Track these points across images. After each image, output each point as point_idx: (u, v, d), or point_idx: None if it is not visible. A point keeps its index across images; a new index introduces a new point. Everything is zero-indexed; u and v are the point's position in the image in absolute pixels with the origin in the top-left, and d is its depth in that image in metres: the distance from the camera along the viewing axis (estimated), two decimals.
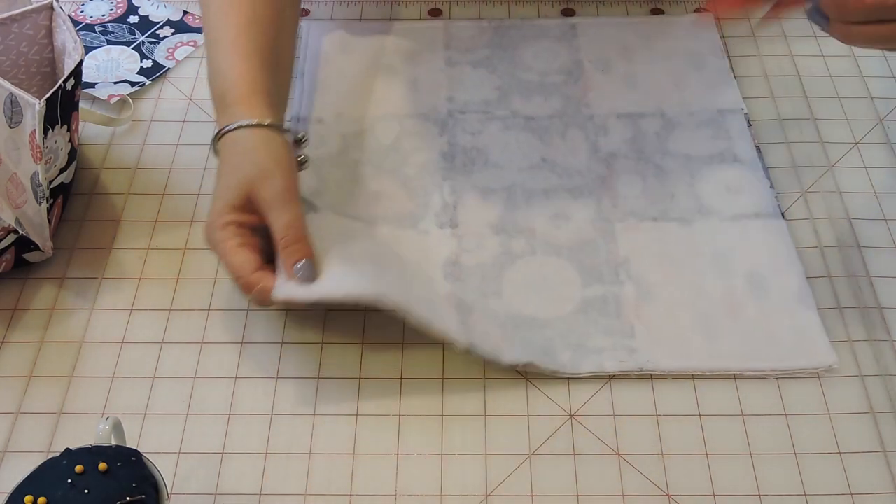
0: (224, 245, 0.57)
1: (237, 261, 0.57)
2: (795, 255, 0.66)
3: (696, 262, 0.66)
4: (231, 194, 0.58)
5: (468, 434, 0.58)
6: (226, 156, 0.61)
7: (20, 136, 0.62)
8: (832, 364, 0.61)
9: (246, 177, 0.58)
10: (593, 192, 0.70)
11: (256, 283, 0.57)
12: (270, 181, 0.58)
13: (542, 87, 0.78)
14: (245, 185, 0.58)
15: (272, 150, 0.60)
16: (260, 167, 0.59)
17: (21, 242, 0.64)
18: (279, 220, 0.58)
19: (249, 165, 0.59)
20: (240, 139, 0.60)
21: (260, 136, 0.60)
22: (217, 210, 0.58)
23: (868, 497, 0.55)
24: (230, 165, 0.60)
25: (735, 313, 0.63)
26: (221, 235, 0.57)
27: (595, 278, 0.65)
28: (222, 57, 0.63)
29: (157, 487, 0.48)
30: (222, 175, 0.60)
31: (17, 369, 0.62)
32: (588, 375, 0.60)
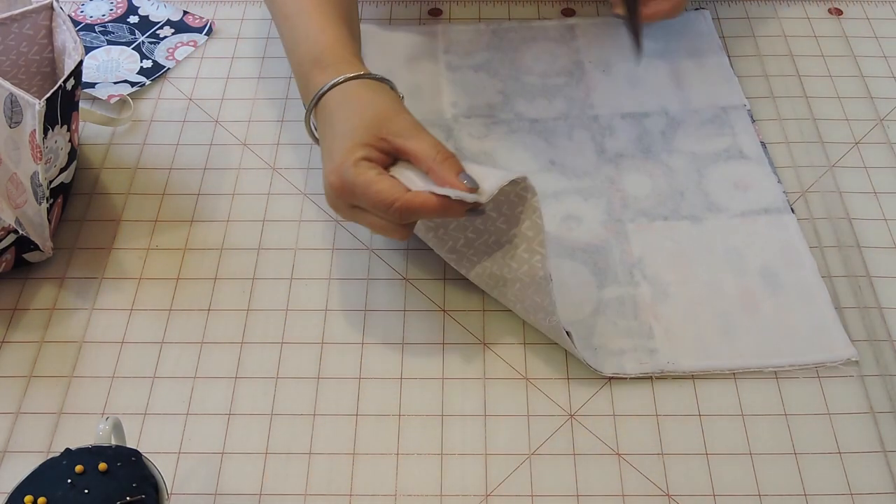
0: (365, 177, 0.55)
1: (386, 185, 0.54)
2: (807, 249, 0.67)
3: (709, 259, 0.66)
4: (358, 134, 0.57)
5: (468, 434, 0.58)
6: (339, 105, 0.59)
7: (20, 136, 0.62)
8: (851, 357, 0.61)
9: (374, 115, 0.57)
10: (603, 193, 0.71)
11: (415, 200, 0.54)
12: (401, 115, 0.58)
13: (544, 90, 0.78)
14: (374, 122, 0.57)
15: (390, 95, 0.60)
16: (386, 105, 0.58)
17: (21, 242, 0.64)
18: (424, 142, 0.56)
19: (374, 106, 0.58)
20: (353, 89, 0.59)
21: (373, 84, 0.60)
22: (346, 150, 0.56)
23: (868, 497, 0.55)
24: (349, 112, 0.58)
25: (751, 310, 0.63)
26: (357, 170, 0.55)
27: (610, 279, 0.65)
28: (310, 23, 0.64)
29: (157, 487, 0.48)
30: (338, 122, 0.58)
31: (17, 369, 0.62)
32: (590, 376, 0.61)
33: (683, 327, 0.62)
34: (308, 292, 0.66)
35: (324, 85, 0.60)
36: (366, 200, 0.55)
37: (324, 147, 0.59)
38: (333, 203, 0.59)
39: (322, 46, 0.63)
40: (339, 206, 0.58)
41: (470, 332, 0.63)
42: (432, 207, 0.54)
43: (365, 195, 0.55)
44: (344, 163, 0.56)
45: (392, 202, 0.54)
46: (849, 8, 0.87)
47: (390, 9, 0.86)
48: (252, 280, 0.66)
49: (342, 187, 0.56)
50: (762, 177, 0.71)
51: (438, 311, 0.65)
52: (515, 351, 0.62)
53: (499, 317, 0.64)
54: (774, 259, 0.66)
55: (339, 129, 0.58)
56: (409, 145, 0.57)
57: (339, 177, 0.56)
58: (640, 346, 0.61)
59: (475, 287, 0.65)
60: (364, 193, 0.55)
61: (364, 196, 0.55)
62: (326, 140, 0.59)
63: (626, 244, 0.67)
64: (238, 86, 0.80)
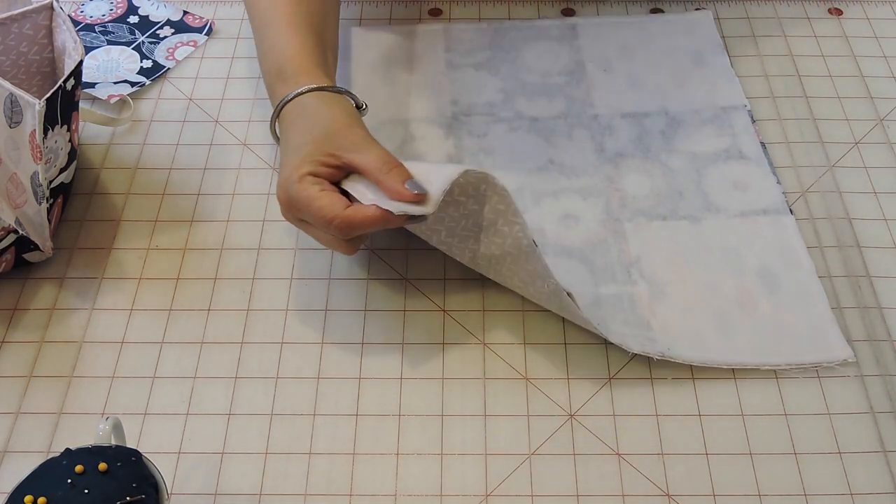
0: (307, 193, 0.56)
1: (326, 202, 0.55)
2: (805, 250, 0.67)
3: (707, 259, 0.66)
4: (307, 149, 0.58)
5: (468, 434, 0.58)
6: (294, 119, 0.61)
7: (20, 136, 0.62)
8: (847, 358, 0.61)
9: (324, 129, 0.59)
10: (602, 192, 0.71)
11: (354, 216, 0.55)
12: (352, 129, 0.59)
13: (545, 89, 0.78)
14: (323, 137, 0.58)
15: (345, 107, 0.61)
16: (337, 120, 0.59)
17: (21, 242, 0.64)
18: (371, 154, 0.57)
19: (325, 120, 0.59)
20: (309, 102, 0.61)
21: (329, 96, 0.61)
22: (292, 166, 0.57)
23: (868, 497, 0.55)
24: (301, 126, 0.60)
25: (749, 310, 0.63)
26: (300, 186, 0.56)
27: (608, 278, 0.65)
28: (277, 34, 0.65)
29: (157, 487, 0.48)
30: (292, 136, 0.60)
31: (17, 369, 0.62)
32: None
33: (681, 325, 0.63)
34: (308, 292, 0.66)
35: (284, 97, 0.61)
36: (309, 216, 0.56)
37: (281, 156, 0.61)
38: (284, 215, 0.60)
39: (285, 58, 0.63)
40: (289, 218, 0.60)
41: (470, 332, 0.63)
42: (373, 220, 0.55)
43: (308, 210, 0.56)
44: (290, 177, 0.57)
45: (332, 219, 0.55)
46: (849, 8, 0.87)
47: (390, 9, 0.86)
48: (252, 280, 0.66)
49: (288, 202, 0.58)
50: (761, 177, 0.71)
51: (438, 311, 0.65)
52: (515, 351, 0.62)
53: (499, 317, 0.64)
54: (772, 260, 0.66)
55: (293, 142, 0.59)
56: (358, 160, 0.57)
57: (284, 191, 0.57)
58: (640, 335, 0.62)
59: (475, 287, 0.65)
60: (307, 209, 0.56)
61: (307, 211, 0.56)
62: (281, 153, 0.61)
63: (624, 243, 0.67)
64: (238, 86, 0.80)
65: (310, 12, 0.66)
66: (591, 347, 0.62)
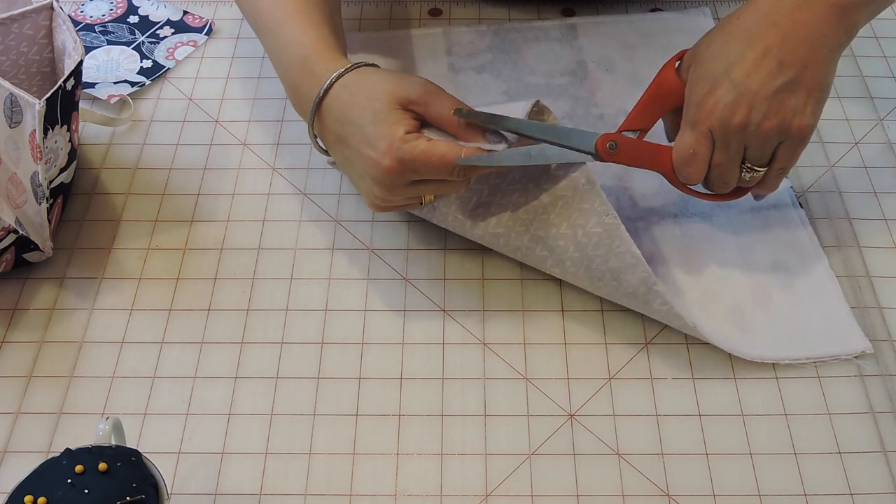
0: (420, 148, 0.56)
1: (444, 148, 0.56)
2: (817, 243, 0.67)
3: (721, 256, 0.66)
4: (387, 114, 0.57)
5: (468, 434, 0.58)
6: (349, 99, 0.59)
7: (20, 136, 0.62)
8: (865, 350, 0.61)
9: (388, 92, 0.58)
10: (611, 192, 0.71)
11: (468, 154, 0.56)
12: (411, 84, 0.58)
13: (548, 89, 0.78)
14: (393, 98, 0.57)
15: (386, 71, 0.60)
16: (392, 79, 0.59)
17: (21, 242, 0.64)
18: (444, 108, 0.58)
19: (382, 85, 0.58)
20: (354, 79, 0.59)
21: (373, 70, 0.60)
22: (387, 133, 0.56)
23: (868, 497, 0.55)
24: (362, 101, 0.58)
25: (765, 305, 0.64)
26: (409, 145, 0.56)
27: None
28: (292, 30, 0.63)
29: (157, 487, 0.48)
30: (359, 114, 0.58)
31: (17, 369, 0.62)
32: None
33: (698, 322, 0.62)
34: (308, 292, 0.66)
35: (327, 80, 0.59)
36: (428, 169, 0.56)
37: (353, 140, 0.58)
38: (389, 186, 0.58)
39: (310, 49, 0.62)
40: (395, 186, 0.58)
41: (470, 332, 0.63)
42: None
43: (427, 164, 0.56)
44: (392, 143, 0.56)
45: (452, 157, 0.55)
46: None
47: (390, 9, 0.86)
48: (252, 280, 0.66)
49: (401, 166, 0.56)
50: None
51: (438, 311, 0.65)
52: (515, 351, 0.62)
53: (499, 317, 0.64)
54: (785, 254, 0.66)
55: (365, 118, 0.57)
56: (433, 111, 0.58)
57: (394, 158, 0.56)
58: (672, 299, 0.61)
59: (475, 287, 0.65)
60: (426, 163, 0.56)
61: (427, 163, 0.56)
62: (354, 136, 0.58)
63: (637, 242, 0.67)
64: (238, 86, 0.80)
65: (318, 9, 0.65)
66: (591, 347, 0.62)
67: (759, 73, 0.56)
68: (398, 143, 0.56)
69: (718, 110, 0.57)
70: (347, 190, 0.72)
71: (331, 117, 0.60)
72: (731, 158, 0.59)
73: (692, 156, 0.59)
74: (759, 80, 0.56)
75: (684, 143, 0.59)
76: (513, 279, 0.66)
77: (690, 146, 0.59)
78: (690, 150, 0.59)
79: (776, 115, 0.56)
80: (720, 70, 0.57)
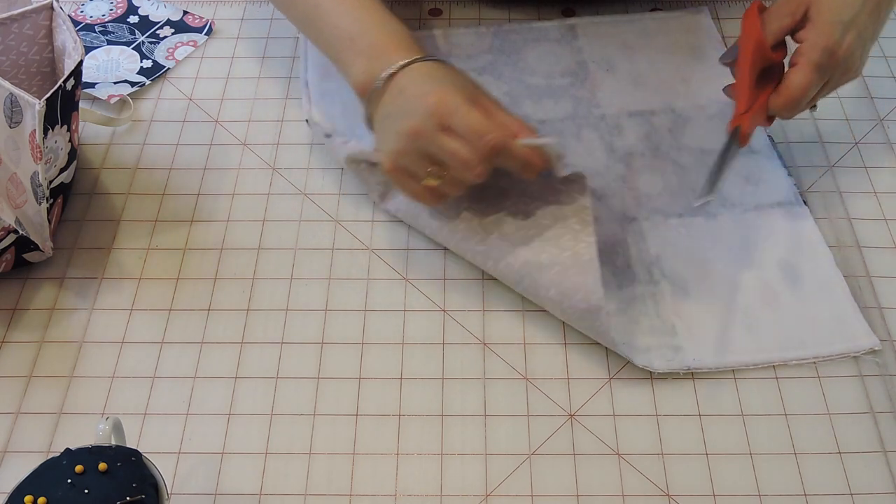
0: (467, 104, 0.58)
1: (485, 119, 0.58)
2: (822, 240, 0.67)
3: (726, 255, 0.67)
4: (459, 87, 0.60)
5: (468, 434, 0.58)
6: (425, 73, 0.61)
7: (20, 136, 0.62)
8: (874, 346, 0.61)
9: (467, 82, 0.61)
10: (616, 192, 0.71)
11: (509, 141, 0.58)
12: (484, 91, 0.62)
13: (549, 90, 0.78)
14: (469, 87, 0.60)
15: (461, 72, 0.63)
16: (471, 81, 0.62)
17: (21, 242, 0.64)
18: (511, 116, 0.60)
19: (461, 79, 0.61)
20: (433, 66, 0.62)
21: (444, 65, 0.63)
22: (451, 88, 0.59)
23: (868, 497, 0.55)
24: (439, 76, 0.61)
25: (772, 303, 0.64)
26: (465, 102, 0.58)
27: (629, 278, 0.65)
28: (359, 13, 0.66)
29: (157, 487, 0.48)
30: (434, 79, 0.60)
31: (17, 369, 0.62)
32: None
33: (706, 324, 0.63)
34: (308, 292, 0.66)
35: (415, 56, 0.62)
36: (463, 123, 0.57)
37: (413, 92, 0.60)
38: (420, 127, 0.58)
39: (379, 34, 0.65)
40: (425, 130, 0.58)
41: (470, 332, 0.63)
42: (521, 156, 0.59)
43: (466, 117, 0.57)
44: (450, 92, 0.58)
45: (488, 131, 0.57)
46: None
47: (390, 9, 0.86)
48: (252, 280, 0.66)
49: (444, 105, 0.58)
50: (772, 170, 0.72)
51: (438, 311, 0.65)
52: (515, 351, 0.62)
53: (499, 317, 0.64)
54: (791, 252, 0.67)
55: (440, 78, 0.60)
56: (499, 116, 0.60)
57: (442, 97, 0.58)
58: (664, 343, 0.62)
59: (475, 287, 0.66)
60: (466, 116, 0.57)
61: (464, 118, 0.57)
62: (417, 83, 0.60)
63: (642, 243, 0.67)
64: (238, 86, 0.80)
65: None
66: (591, 347, 0.62)
67: (872, 23, 0.63)
68: (455, 95, 0.58)
69: (848, 57, 0.62)
70: (347, 190, 0.72)
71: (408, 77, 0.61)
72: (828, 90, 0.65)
73: (808, 93, 0.63)
74: (872, 29, 0.63)
75: (806, 83, 0.62)
76: None
77: (812, 85, 0.62)
78: (810, 89, 0.62)
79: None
80: (848, 17, 0.62)
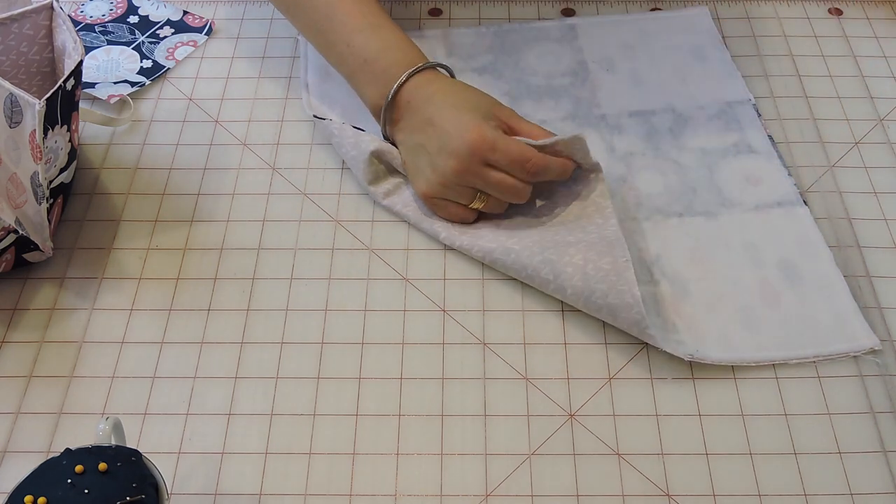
0: (504, 137, 0.63)
1: (523, 146, 0.63)
2: (822, 240, 0.67)
3: (727, 255, 0.67)
4: (484, 109, 0.65)
5: (468, 434, 0.58)
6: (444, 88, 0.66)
7: (20, 136, 0.62)
8: (874, 346, 0.61)
9: (486, 99, 0.67)
10: (616, 192, 0.71)
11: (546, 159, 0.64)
12: (503, 105, 0.68)
13: (550, 90, 0.78)
14: (489, 104, 0.66)
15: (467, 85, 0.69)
16: (489, 95, 0.68)
17: (21, 242, 0.64)
18: (531, 124, 0.67)
19: (481, 93, 0.68)
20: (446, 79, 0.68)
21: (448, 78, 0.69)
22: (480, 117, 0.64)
23: (868, 497, 0.55)
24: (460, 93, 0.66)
25: (772, 303, 0.64)
26: (498, 133, 0.63)
27: None
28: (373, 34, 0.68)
29: (157, 487, 0.48)
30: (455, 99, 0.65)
31: (17, 369, 0.62)
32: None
33: (707, 323, 0.63)
34: (308, 292, 0.66)
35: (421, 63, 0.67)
36: (504, 156, 0.63)
37: (444, 120, 0.64)
38: (463, 165, 0.63)
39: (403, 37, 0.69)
40: (469, 166, 0.63)
41: (470, 332, 0.63)
42: (558, 166, 0.65)
43: (506, 151, 0.62)
44: (485, 124, 0.63)
45: (529, 158, 0.63)
46: (849, 8, 0.87)
47: (390, 8, 0.86)
48: (252, 280, 0.66)
49: (484, 143, 0.62)
50: (772, 170, 0.72)
51: (438, 311, 0.65)
52: (515, 351, 0.62)
53: (499, 317, 0.64)
54: (791, 252, 0.67)
55: (460, 104, 0.65)
56: (522, 127, 0.66)
57: (481, 135, 0.62)
58: (666, 338, 0.62)
59: (475, 287, 0.66)
60: (505, 149, 0.62)
61: (504, 151, 0.63)
62: (445, 115, 0.64)
63: (643, 242, 0.67)
64: (238, 86, 0.80)
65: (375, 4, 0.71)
66: (591, 347, 0.62)
67: None
68: (489, 126, 0.63)
69: None
70: (347, 190, 0.72)
71: (420, 97, 0.66)
72: None
73: None
74: None
75: None
76: (513, 279, 0.66)
77: None
78: None
79: None
80: None
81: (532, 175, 0.64)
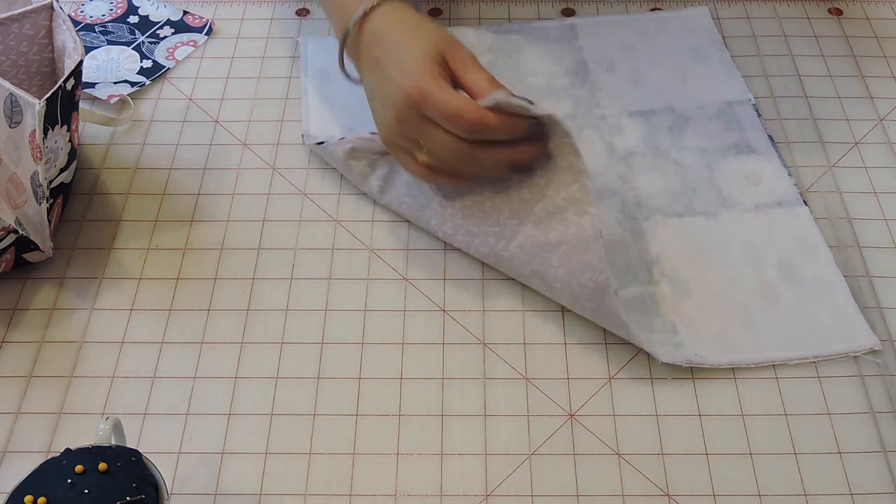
0: (442, 88, 0.58)
1: (462, 100, 0.58)
2: (822, 240, 0.67)
3: (726, 255, 0.67)
4: (432, 55, 0.59)
5: (468, 434, 0.58)
6: (395, 27, 0.61)
7: (20, 136, 0.62)
8: (874, 346, 0.61)
9: (438, 42, 0.61)
10: (616, 191, 0.71)
11: (487, 113, 0.57)
12: (460, 46, 0.61)
13: (550, 90, 0.78)
14: (439, 48, 0.60)
15: (440, 26, 0.63)
16: (445, 35, 0.62)
17: (21, 242, 0.64)
18: (480, 76, 0.60)
19: (436, 33, 0.61)
20: (406, 13, 0.62)
21: (417, 13, 0.63)
22: (422, 64, 0.59)
23: (868, 497, 0.55)
24: (410, 33, 0.61)
25: (772, 303, 0.64)
26: (436, 82, 0.58)
27: (630, 278, 0.65)
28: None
29: (157, 487, 0.48)
30: (405, 38, 0.61)
31: (17, 369, 0.62)
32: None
33: (706, 323, 0.63)
34: (308, 292, 0.66)
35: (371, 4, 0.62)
36: (441, 110, 0.57)
37: (388, 64, 0.60)
38: (402, 116, 0.59)
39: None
40: (408, 119, 0.59)
41: (470, 332, 0.63)
42: (502, 125, 0.58)
43: (443, 105, 0.57)
44: (423, 74, 0.58)
45: (467, 112, 0.57)
46: (849, 8, 0.87)
47: None
48: (252, 280, 0.66)
49: (420, 96, 0.58)
50: (772, 170, 0.72)
51: (438, 311, 0.65)
52: (515, 351, 0.62)
53: (499, 317, 0.64)
54: (791, 252, 0.67)
55: (407, 47, 0.60)
56: (468, 77, 0.60)
57: (417, 87, 0.58)
58: (665, 340, 0.62)
59: (475, 287, 0.66)
60: (442, 103, 0.57)
61: (442, 106, 0.57)
62: (390, 58, 0.60)
63: (643, 242, 0.67)
64: (238, 86, 0.80)
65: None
66: (591, 347, 0.62)
67: None
68: (427, 76, 0.58)
69: None
70: (347, 190, 0.72)
71: (372, 35, 0.62)
72: None
73: None
74: None
75: None
76: (513, 279, 0.66)
77: None
78: None
79: None
80: None
81: (470, 133, 0.58)
